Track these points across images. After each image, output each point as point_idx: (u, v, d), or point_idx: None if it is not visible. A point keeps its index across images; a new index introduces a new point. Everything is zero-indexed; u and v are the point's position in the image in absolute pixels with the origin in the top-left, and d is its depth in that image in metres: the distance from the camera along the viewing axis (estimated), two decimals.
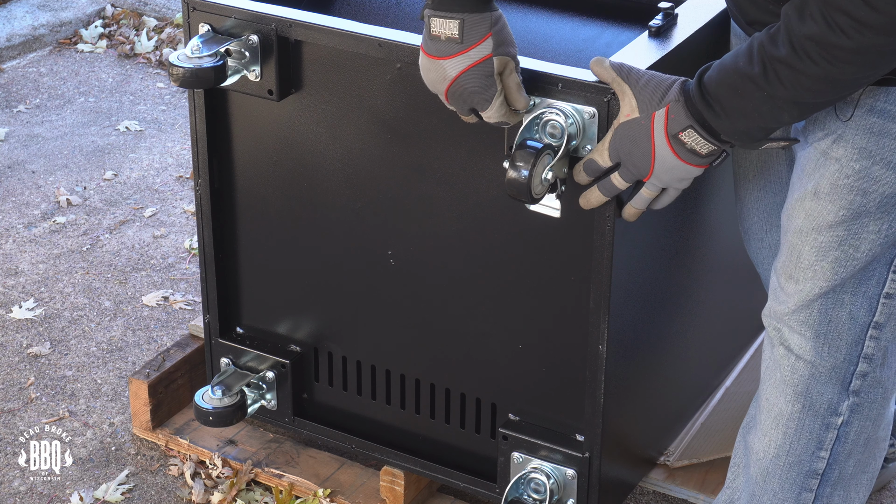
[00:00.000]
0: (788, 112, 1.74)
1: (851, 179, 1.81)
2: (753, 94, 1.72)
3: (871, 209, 1.82)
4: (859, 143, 1.80)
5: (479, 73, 1.84)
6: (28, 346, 2.87)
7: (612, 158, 1.87)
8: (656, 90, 1.82)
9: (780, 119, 1.75)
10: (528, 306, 2.14)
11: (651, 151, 1.83)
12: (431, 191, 2.14)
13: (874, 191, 1.81)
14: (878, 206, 1.82)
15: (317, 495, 2.42)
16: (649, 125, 1.82)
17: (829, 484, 2.00)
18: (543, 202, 2.00)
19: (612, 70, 1.86)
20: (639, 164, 1.85)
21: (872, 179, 1.80)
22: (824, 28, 1.62)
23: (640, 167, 1.85)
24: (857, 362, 1.93)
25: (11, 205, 3.39)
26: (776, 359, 1.97)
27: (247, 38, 2.15)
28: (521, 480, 2.20)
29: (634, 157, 1.85)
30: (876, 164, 1.80)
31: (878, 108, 1.78)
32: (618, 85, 1.85)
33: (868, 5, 1.58)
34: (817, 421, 1.96)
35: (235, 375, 2.41)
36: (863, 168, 1.80)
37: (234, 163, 2.30)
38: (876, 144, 1.79)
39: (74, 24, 4.39)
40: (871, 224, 1.83)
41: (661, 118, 1.81)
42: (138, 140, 3.73)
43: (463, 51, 1.83)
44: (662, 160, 1.83)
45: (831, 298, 1.89)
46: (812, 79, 1.67)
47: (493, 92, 1.86)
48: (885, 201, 1.82)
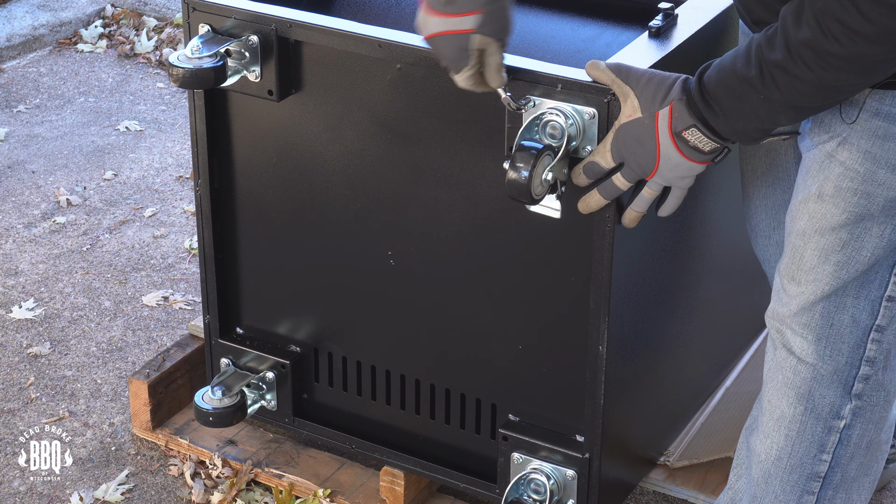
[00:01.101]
0: (785, 115, 1.75)
1: (855, 182, 1.81)
2: (750, 97, 1.73)
3: (874, 213, 1.82)
4: (864, 147, 1.79)
5: (454, 42, 1.84)
6: (28, 346, 2.87)
7: (615, 159, 1.87)
8: (658, 89, 1.83)
9: (777, 121, 1.76)
10: (528, 307, 2.14)
11: (656, 150, 1.83)
12: (431, 191, 2.14)
13: (878, 194, 1.81)
14: (881, 209, 1.82)
15: (317, 495, 2.42)
16: (653, 124, 1.83)
17: (831, 487, 2.00)
18: (543, 203, 2.00)
19: (609, 72, 1.86)
20: (643, 162, 1.85)
21: (877, 183, 1.80)
22: (818, 34, 1.63)
23: (645, 166, 1.86)
24: (860, 365, 1.93)
25: (11, 205, 3.39)
26: (778, 361, 1.97)
27: (247, 39, 2.15)
28: (521, 481, 2.20)
29: (639, 156, 1.85)
30: (880, 167, 1.79)
31: (883, 112, 1.77)
32: (618, 87, 1.85)
33: (861, 14, 1.59)
34: (819, 424, 1.96)
35: (235, 376, 2.41)
36: (867, 171, 1.80)
37: (234, 163, 2.30)
38: (881, 148, 1.79)
39: (74, 24, 4.39)
40: (874, 227, 1.83)
41: (665, 117, 1.81)
42: (138, 140, 3.73)
43: (447, 14, 1.83)
44: (667, 158, 1.84)
45: (833, 301, 1.89)
46: (806, 84, 1.68)
47: (464, 64, 1.86)
48: (889, 205, 1.81)
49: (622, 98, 1.85)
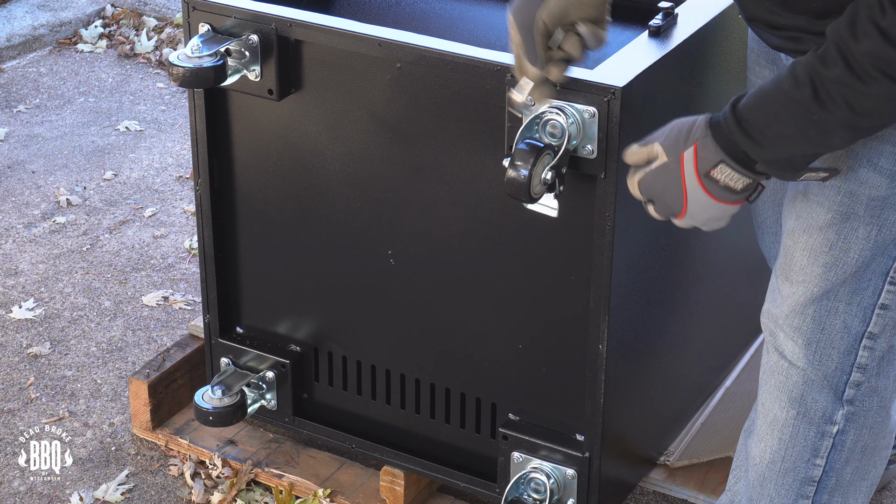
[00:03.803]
0: (840, 136, 1.67)
1: (838, 181, 1.81)
2: (801, 119, 1.66)
3: (859, 212, 1.81)
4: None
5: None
6: (28, 346, 2.87)
7: (645, 196, 1.83)
8: (681, 131, 1.76)
9: (830, 144, 1.69)
10: (528, 306, 2.14)
11: (683, 194, 1.77)
12: (431, 191, 2.14)
13: (861, 193, 1.80)
14: (865, 208, 1.81)
15: (317, 495, 2.42)
16: (678, 168, 1.76)
17: (826, 491, 1.99)
18: (542, 202, 2.00)
19: (636, 145, 1.82)
20: (671, 205, 1.80)
21: (858, 181, 1.80)
22: (882, 43, 1.57)
23: (673, 209, 1.80)
24: (850, 371, 1.92)
25: (11, 205, 3.39)
26: (771, 364, 1.97)
27: (247, 38, 2.15)
28: (521, 480, 2.20)
29: (666, 199, 1.80)
30: (862, 165, 1.79)
31: None
32: (648, 148, 1.80)
33: None
34: (812, 428, 1.95)
35: (235, 375, 2.41)
36: (849, 169, 1.80)
37: (234, 163, 2.30)
38: (862, 146, 1.78)
39: (74, 24, 4.39)
40: (860, 228, 1.82)
41: (691, 158, 1.75)
42: (138, 140, 3.73)
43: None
44: (696, 201, 1.78)
45: (825, 306, 1.88)
46: (871, 98, 1.61)
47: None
48: (872, 204, 1.81)
49: (653, 153, 1.79)
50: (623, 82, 1.92)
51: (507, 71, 1.96)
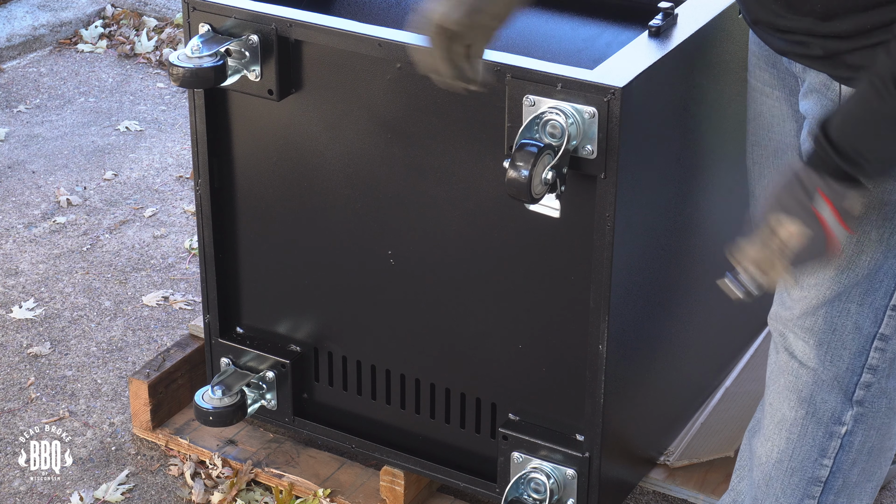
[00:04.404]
0: None
1: None
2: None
3: (871, 216, 1.82)
4: None
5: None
6: (28, 346, 2.87)
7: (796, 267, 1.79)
8: (790, 192, 1.73)
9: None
10: (527, 306, 2.14)
11: (826, 241, 1.74)
12: (431, 191, 2.14)
13: (873, 196, 1.80)
14: (877, 211, 1.81)
15: (317, 495, 2.42)
16: (815, 219, 1.73)
17: (832, 492, 1.99)
18: (543, 202, 2.00)
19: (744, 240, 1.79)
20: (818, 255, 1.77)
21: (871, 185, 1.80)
22: None
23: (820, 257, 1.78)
24: (861, 373, 1.92)
25: (11, 205, 3.39)
26: (780, 364, 1.97)
27: (247, 38, 2.15)
28: (521, 480, 2.20)
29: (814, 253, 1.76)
30: None
31: None
32: (766, 227, 1.76)
33: None
34: (820, 429, 1.95)
35: (235, 375, 2.41)
36: None
37: (234, 163, 2.30)
38: None
39: (74, 24, 4.39)
40: (872, 231, 1.83)
41: (823, 204, 1.71)
42: (138, 140, 3.73)
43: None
44: (840, 240, 1.76)
45: (837, 307, 1.88)
46: None
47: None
48: (885, 208, 1.81)
49: (781, 226, 1.75)
50: (623, 82, 1.92)
51: (507, 71, 1.96)
